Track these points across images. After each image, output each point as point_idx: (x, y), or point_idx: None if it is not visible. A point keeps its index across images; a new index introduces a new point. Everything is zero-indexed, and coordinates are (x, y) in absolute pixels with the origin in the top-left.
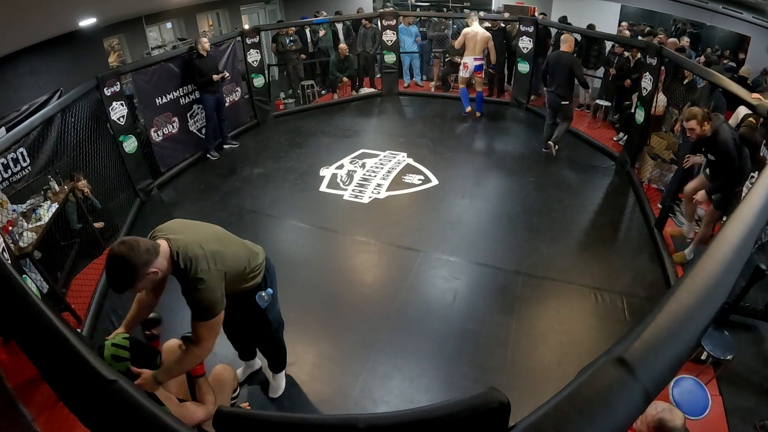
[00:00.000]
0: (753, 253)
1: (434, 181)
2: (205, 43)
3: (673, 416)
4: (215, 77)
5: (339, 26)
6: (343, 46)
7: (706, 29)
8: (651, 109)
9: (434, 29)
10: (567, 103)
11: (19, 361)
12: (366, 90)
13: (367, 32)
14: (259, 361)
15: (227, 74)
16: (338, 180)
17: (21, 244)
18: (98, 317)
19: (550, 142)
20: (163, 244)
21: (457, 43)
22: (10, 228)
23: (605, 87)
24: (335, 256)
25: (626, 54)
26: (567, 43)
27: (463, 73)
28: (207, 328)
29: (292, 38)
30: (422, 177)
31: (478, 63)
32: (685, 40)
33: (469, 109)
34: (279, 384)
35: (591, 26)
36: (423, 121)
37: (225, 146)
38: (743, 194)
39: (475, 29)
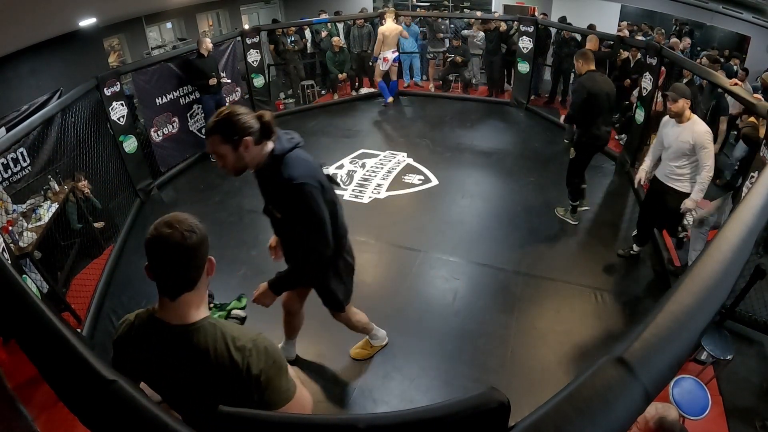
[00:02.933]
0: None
1: (434, 181)
2: (207, 43)
3: (668, 411)
4: (211, 81)
5: (340, 26)
6: (336, 39)
7: (706, 29)
8: (651, 109)
9: (432, 44)
10: None
11: (19, 361)
12: (366, 90)
13: (361, 32)
14: None
15: (226, 79)
16: (338, 180)
17: (21, 244)
18: (98, 317)
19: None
20: None
21: (377, 46)
22: (10, 228)
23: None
24: None
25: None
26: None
27: (383, 67)
28: None
29: (293, 38)
30: (422, 177)
31: (395, 55)
32: (687, 41)
33: (390, 99)
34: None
35: (591, 26)
36: (423, 121)
37: None
38: (743, 194)
39: (390, 25)
